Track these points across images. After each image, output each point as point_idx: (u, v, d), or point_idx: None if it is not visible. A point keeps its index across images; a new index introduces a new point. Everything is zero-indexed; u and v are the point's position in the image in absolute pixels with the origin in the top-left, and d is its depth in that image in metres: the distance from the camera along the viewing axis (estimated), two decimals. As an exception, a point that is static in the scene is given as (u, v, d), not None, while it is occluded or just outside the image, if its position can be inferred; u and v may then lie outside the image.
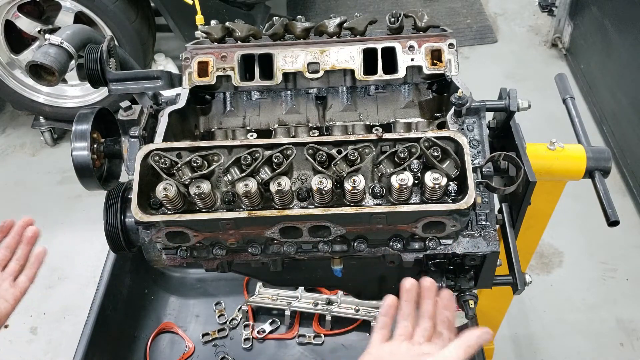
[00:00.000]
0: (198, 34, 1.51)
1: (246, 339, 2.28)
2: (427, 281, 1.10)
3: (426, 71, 1.40)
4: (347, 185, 1.13)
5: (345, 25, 1.46)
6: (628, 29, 3.39)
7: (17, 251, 1.29)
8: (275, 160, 1.14)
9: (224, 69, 1.41)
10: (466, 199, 1.11)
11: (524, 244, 1.58)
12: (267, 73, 1.42)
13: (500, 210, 1.41)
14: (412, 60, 1.40)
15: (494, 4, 5.01)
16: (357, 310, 2.29)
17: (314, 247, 1.27)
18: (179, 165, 1.14)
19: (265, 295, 2.36)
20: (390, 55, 1.41)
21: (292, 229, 1.18)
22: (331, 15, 1.48)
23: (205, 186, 1.14)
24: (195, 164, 1.15)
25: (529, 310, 2.93)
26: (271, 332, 2.30)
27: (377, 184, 1.18)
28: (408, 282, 1.09)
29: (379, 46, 1.41)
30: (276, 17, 1.47)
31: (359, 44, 1.42)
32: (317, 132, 1.44)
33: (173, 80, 1.48)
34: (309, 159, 1.15)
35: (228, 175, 1.15)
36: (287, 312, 2.31)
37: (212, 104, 1.50)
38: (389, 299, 1.09)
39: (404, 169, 1.13)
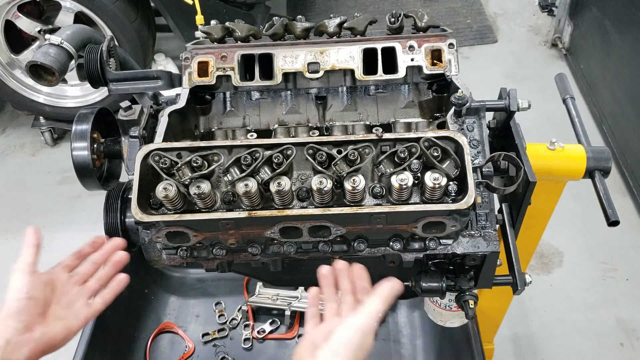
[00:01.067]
0: (198, 34, 1.51)
1: (246, 339, 2.28)
2: (339, 263, 1.15)
3: (426, 71, 1.40)
4: (347, 185, 1.13)
5: (345, 25, 1.46)
6: (628, 29, 3.39)
7: (99, 270, 1.23)
8: (275, 160, 1.14)
9: (224, 69, 1.42)
10: (466, 199, 1.11)
11: (524, 244, 1.58)
12: (267, 73, 1.42)
13: (500, 210, 1.41)
14: (412, 60, 1.40)
15: (494, 4, 5.01)
16: (357, 310, 2.29)
17: (314, 247, 1.27)
18: (179, 165, 1.14)
19: (265, 295, 2.36)
20: (390, 55, 1.41)
21: (292, 229, 1.18)
22: (331, 15, 1.48)
23: (205, 186, 1.14)
24: (195, 164, 1.15)
25: (529, 310, 2.92)
26: (271, 332, 2.30)
27: (377, 184, 1.18)
28: (324, 270, 1.15)
29: (379, 46, 1.41)
30: (276, 17, 1.47)
31: (359, 44, 1.42)
32: (317, 132, 1.44)
33: (173, 80, 1.48)
34: (309, 159, 1.15)
35: (228, 175, 1.15)
36: (287, 312, 2.31)
37: (212, 104, 1.50)
38: (312, 290, 1.14)
39: (404, 169, 1.13)
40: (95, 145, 1.35)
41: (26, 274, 1.11)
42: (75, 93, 3.82)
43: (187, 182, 1.14)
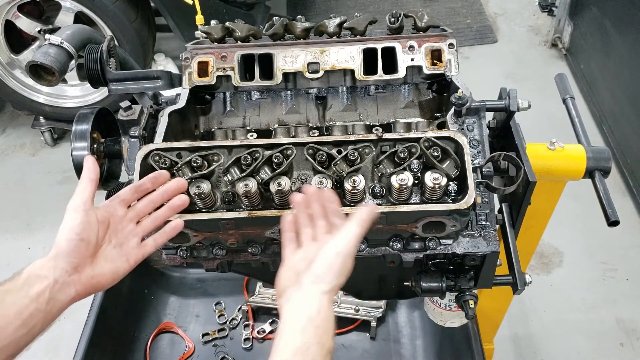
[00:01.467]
0: (198, 34, 1.51)
1: (246, 339, 2.28)
2: (310, 188, 1.14)
3: (426, 71, 1.40)
4: (347, 185, 1.13)
5: (345, 25, 1.46)
6: (628, 29, 3.39)
7: (157, 211, 1.15)
8: (275, 160, 1.14)
9: (224, 69, 1.42)
10: (466, 199, 1.11)
11: (524, 244, 1.58)
12: (267, 73, 1.42)
13: (500, 210, 1.41)
14: (412, 60, 1.40)
15: (494, 4, 5.01)
16: (357, 310, 2.29)
17: (314, 247, 1.27)
18: (179, 165, 1.14)
19: (265, 295, 2.36)
20: (390, 55, 1.41)
21: (292, 229, 1.18)
22: (331, 15, 1.48)
23: (205, 186, 1.14)
24: (195, 164, 1.15)
25: (529, 310, 2.92)
26: (271, 332, 2.30)
27: (377, 184, 1.18)
28: (297, 197, 1.13)
29: (379, 46, 1.41)
30: (276, 17, 1.47)
31: (359, 44, 1.42)
32: (317, 132, 1.44)
33: (173, 80, 1.48)
34: (309, 159, 1.15)
35: (228, 175, 1.15)
36: (287, 312, 2.30)
37: (212, 104, 1.50)
38: (287, 216, 1.13)
39: (404, 169, 1.13)
40: (95, 145, 1.35)
41: (80, 213, 1.05)
42: (75, 93, 3.81)
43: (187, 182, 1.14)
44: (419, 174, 1.15)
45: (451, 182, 1.15)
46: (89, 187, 1.08)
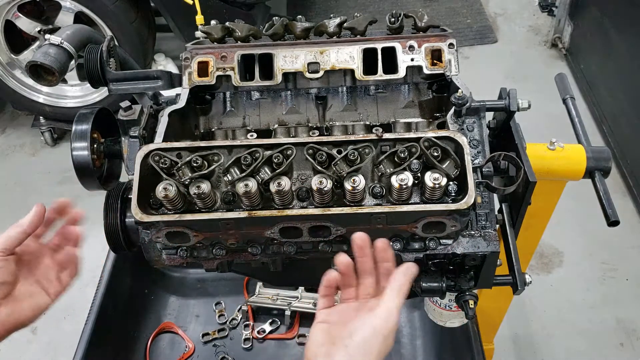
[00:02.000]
0: (198, 34, 1.51)
1: (246, 339, 2.28)
2: (360, 239, 1.07)
3: (426, 71, 1.40)
4: (347, 185, 1.13)
5: (345, 25, 1.46)
6: (628, 29, 3.39)
7: (67, 245, 1.24)
8: (275, 160, 1.14)
9: (224, 69, 1.41)
10: (466, 199, 1.11)
11: (524, 244, 1.58)
12: (267, 73, 1.42)
13: (500, 210, 1.41)
14: (412, 60, 1.40)
15: (494, 4, 5.02)
16: (357, 310, 2.29)
17: (314, 247, 1.27)
18: (179, 165, 1.14)
19: (265, 295, 2.36)
20: (390, 55, 1.41)
21: (292, 229, 1.18)
22: (331, 15, 1.48)
23: (205, 186, 1.14)
24: (195, 164, 1.15)
25: (529, 310, 2.93)
26: (271, 332, 2.31)
27: (377, 184, 1.18)
28: (342, 259, 1.08)
29: (379, 46, 1.41)
30: (276, 17, 1.47)
31: (359, 44, 1.42)
32: (317, 132, 1.44)
33: (173, 80, 1.48)
34: (309, 159, 1.15)
35: (228, 175, 1.15)
36: (287, 312, 2.31)
37: (212, 104, 1.50)
38: (330, 274, 1.08)
39: (404, 169, 1.13)
40: (95, 145, 1.34)
41: None
42: (75, 93, 3.82)
43: (187, 182, 1.14)
44: (419, 174, 1.15)
45: (451, 182, 1.15)
46: (19, 237, 1.13)
